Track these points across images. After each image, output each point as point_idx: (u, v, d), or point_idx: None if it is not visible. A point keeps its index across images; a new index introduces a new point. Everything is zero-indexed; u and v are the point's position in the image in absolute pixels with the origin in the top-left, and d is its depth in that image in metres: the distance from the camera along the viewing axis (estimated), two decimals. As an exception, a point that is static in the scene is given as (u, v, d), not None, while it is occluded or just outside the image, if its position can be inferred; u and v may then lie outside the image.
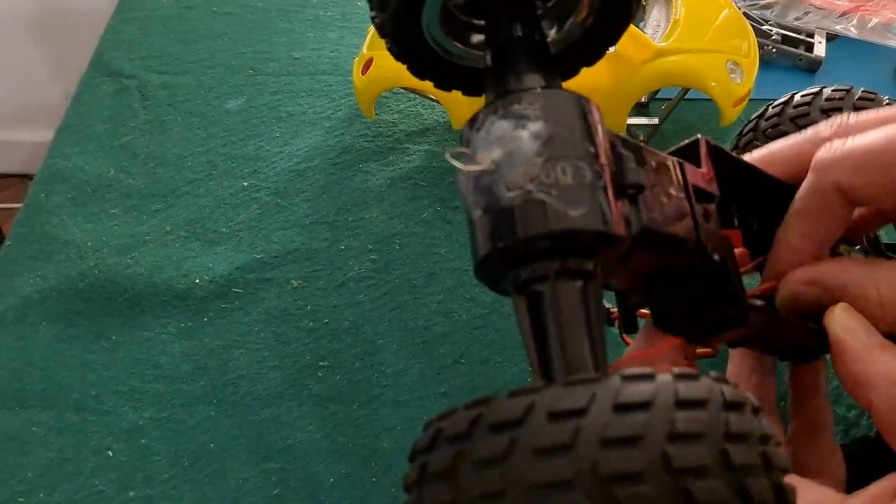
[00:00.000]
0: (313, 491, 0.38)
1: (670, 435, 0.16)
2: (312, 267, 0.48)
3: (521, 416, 0.17)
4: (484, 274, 0.23)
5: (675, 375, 0.17)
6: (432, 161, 0.54)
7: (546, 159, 0.21)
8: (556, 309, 0.21)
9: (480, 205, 0.21)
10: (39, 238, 0.50)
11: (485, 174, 0.21)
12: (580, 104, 0.22)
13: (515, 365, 0.43)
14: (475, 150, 0.22)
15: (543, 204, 0.21)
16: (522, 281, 0.22)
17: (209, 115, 0.58)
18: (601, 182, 0.21)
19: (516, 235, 0.21)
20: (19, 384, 0.43)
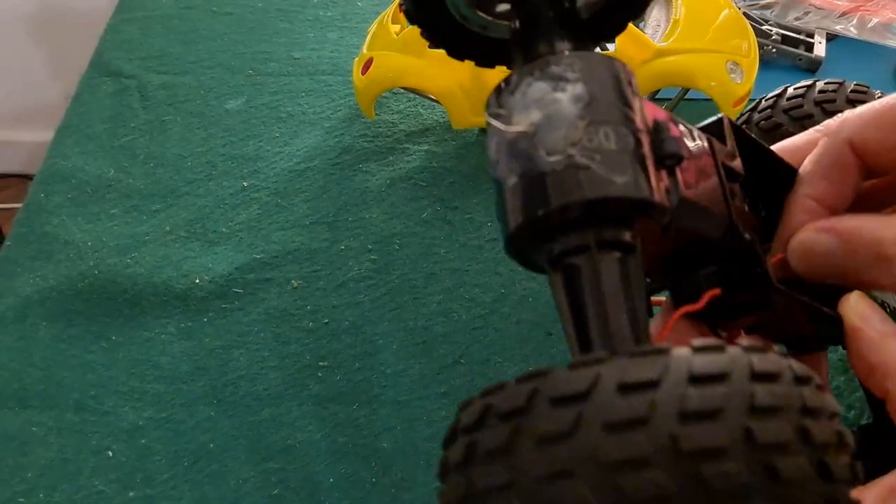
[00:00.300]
0: (313, 491, 0.38)
1: (751, 409, 0.15)
2: (312, 267, 0.48)
3: (587, 388, 0.15)
4: (517, 246, 0.21)
5: (745, 348, 0.16)
6: (432, 161, 0.54)
7: (588, 123, 0.20)
8: (597, 282, 0.20)
9: (516, 171, 0.20)
10: (39, 238, 0.50)
11: (522, 138, 0.20)
12: (618, 67, 0.21)
13: (515, 365, 0.43)
14: (511, 112, 0.21)
15: (587, 169, 0.19)
16: (558, 254, 0.21)
17: (209, 115, 0.58)
18: (643, 149, 0.20)
19: (557, 202, 0.19)
20: (19, 384, 0.43)
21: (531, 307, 0.45)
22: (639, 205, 0.20)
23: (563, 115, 0.20)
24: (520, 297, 0.45)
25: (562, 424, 0.15)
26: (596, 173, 0.19)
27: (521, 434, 0.16)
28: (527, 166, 0.20)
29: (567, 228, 0.20)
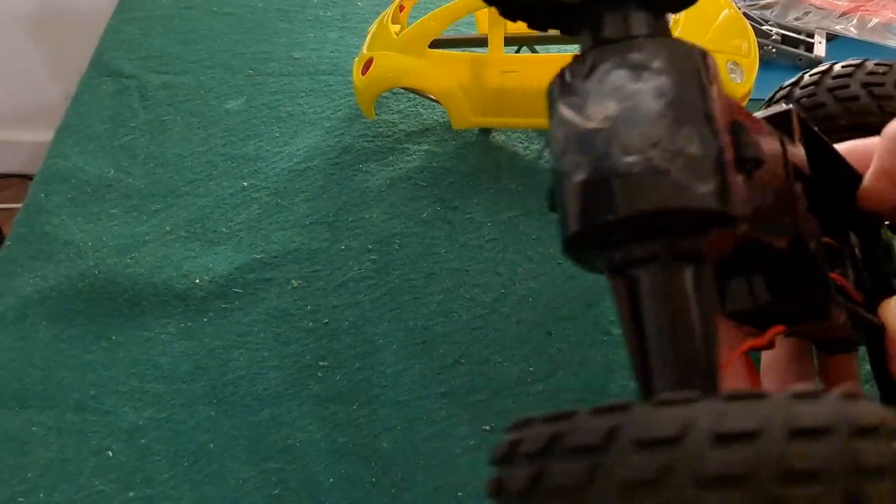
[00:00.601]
0: (313, 491, 0.38)
1: (857, 470, 0.14)
2: (312, 267, 0.48)
3: (677, 433, 0.14)
4: (577, 249, 0.20)
5: (841, 395, 0.15)
6: (432, 161, 0.54)
7: (671, 122, 0.18)
8: (668, 298, 0.19)
9: (585, 167, 0.18)
10: (39, 238, 0.50)
11: (596, 131, 0.18)
12: (702, 59, 0.19)
13: (515, 365, 0.43)
14: (585, 100, 0.19)
15: (667, 174, 0.18)
16: (624, 261, 0.19)
17: (209, 115, 0.58)
18: (725, 154, 0.19)
19: (631, 208, 0.18)
20: (19, 384, 0.43)
21: (531, 307, 0.45)
22: (717, 217, 0.18)
23: (643, 111, 0.18)
24: (520, 297, 0.45)
25: (648, 472, 0.14)
26: (676, 180, 0.18)
27: (599, 475, 0.14)
28: (599, 164, 0.18)
29: (637, 235, 0.19)
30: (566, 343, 0.43)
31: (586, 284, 0.46)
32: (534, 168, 0.53)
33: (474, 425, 0.40)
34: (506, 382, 0.42)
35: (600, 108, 0.19)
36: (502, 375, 0.42)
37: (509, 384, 0.42)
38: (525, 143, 0.55)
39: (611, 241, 0.19)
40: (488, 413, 0.41)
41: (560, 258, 0.47)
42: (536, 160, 0.53)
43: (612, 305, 0.44)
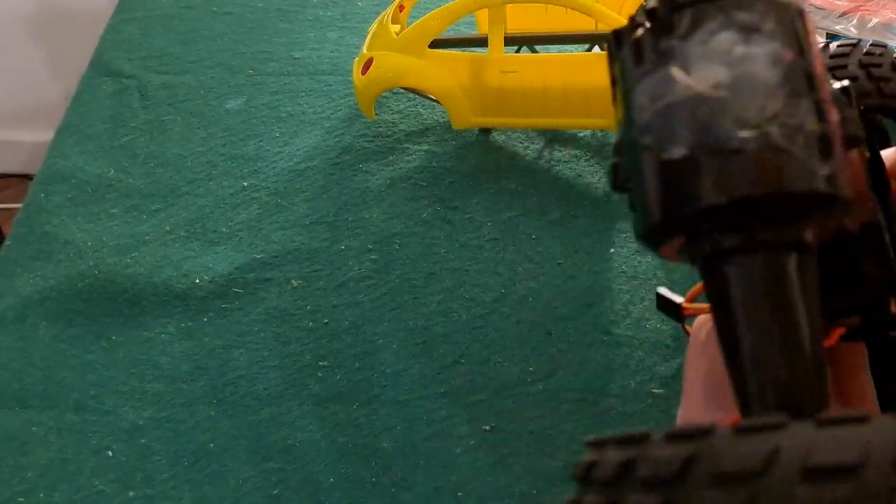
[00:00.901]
0: (313, 491, 0.38)
1: None
2: (312, 267, 0.48)
3: (761, 467, 0.12)
4: (662, 235, 0.17)
5: None
6: (432, 161, 0.54)
7: (788, 93, 0.16)
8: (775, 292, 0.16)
9: (687, 141, 0.16)
10: (39, 238, 0.50)
11: (703, 100, 0.16)
12: (804, 20, 0.17)
13: (515, 365, 0.43)
14: (686, 63, 0.17)
15: (787, 153, 0.16)
16: (718, 250, 0.17)
17: (209, 115, 0.58)
18: (838, 132, 0.17)
19: (750, 189, 0.16)
20: (19, 384, 0.43)
21: (531, 307, 0.45)
22: (830, 200, 0.16)
23: (759, 79, 0.16)
24: (520, 297, 0.45)
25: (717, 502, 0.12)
26: (798, 160, 0.16)
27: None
28: (707, 138, 0.16)
29: (735, 220, 0.16)
30: (566, 343, 0.43)
31: (586, 284, 0.46)
32: (534, 168, 0.53)
33: (474, 425, 0.40)
34: (506, 382, 0.42)
35: (707, 73, 0.16)
36: (502, 375, 0.42)
37: (509, 384, 0.42)
38: (525, 143, 0.55)
39: (703, 226, 0.17)
40: (488, 413, 0.41)
41: (560, 258, 0.47)
42: (536, 160, 0.53)
43: (611, 305, 0.45)
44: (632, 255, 0.47)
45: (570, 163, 0.53)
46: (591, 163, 0.53)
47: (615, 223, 0.49)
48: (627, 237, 0.48)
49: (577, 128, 0.55)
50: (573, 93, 0.50)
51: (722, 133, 0.16)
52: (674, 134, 0.16)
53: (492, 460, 0.39)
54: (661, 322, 0.44)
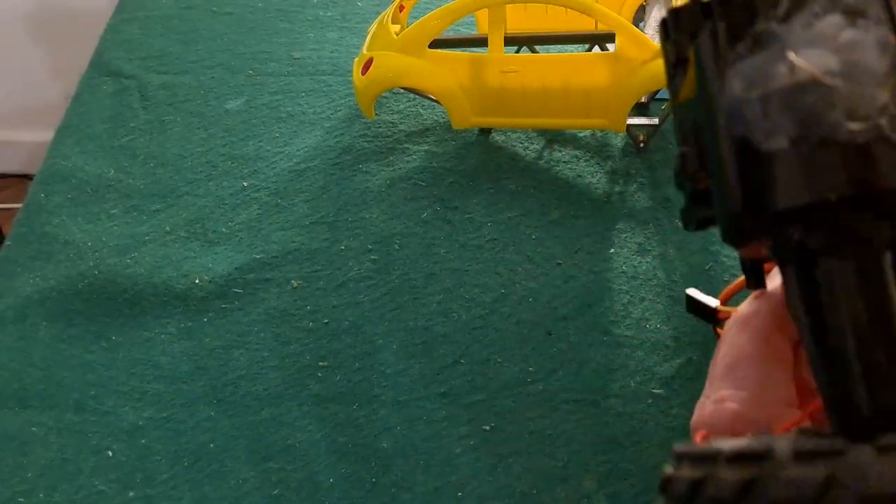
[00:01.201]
0: (313, 491, 0.38)
1: None
2: (312, 267, 0.48)
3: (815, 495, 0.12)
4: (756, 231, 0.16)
5: None
6: (432, 161, 0.54)
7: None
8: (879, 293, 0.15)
9: (790, 131, 0.15)
10: (39, 238, 0.50)
11: (810, 88, 0.15)
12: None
13: (515, 365, 0.43)
14: (785, 48, 0.16)
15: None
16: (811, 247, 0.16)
17: (209, 115, 0.58)
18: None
19: (862, 185, 0.15)
20: (19, 384, 0.43)
21: (531, 307, 0.45)
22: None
23: (869, 68, 0.15)
24: (520, 297, 0.45)
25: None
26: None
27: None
28: (813, 129, 0.15)
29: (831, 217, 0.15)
30: (566, 343, 0.43)
31: (586, 284, 0.46)
32: (534, 168, 0.53)
33: (474, 425, 0.40)
34: (506, 382, 0.42)
35: (817, 59, 0.15)
36: (502, 375, 0.42)
37: (509, 384, 0.42)
38: (525, 143, 0.55)
39: (800, 222, 0.16)
40: (488, 413, 0.41)
41: (560, 258, 0.47)
42: (536, 160, 0.53)
43: (611, 305, 0.45)
44: (632, 255, 0.47)
45: (570, 163, 0.53)
46: (591, 163, 0.53)
47: (615, 223, 0.49)
48: (627, 237, 0.48)
49: (577, 128, 0.55)
50: (573, 93, 0.50)
51: (830, 124, 0.15)
52: (774, 124, 0.15)
53: (492, 460, 0.39)
54: (661, 322, 0.44)
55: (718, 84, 0.17)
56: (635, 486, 0.38)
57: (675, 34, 0.19)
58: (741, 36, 0.16)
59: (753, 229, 0.16)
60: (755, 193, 0.16)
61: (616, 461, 0.38)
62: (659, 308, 0.44)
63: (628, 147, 0.54)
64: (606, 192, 0.51)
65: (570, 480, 0.38)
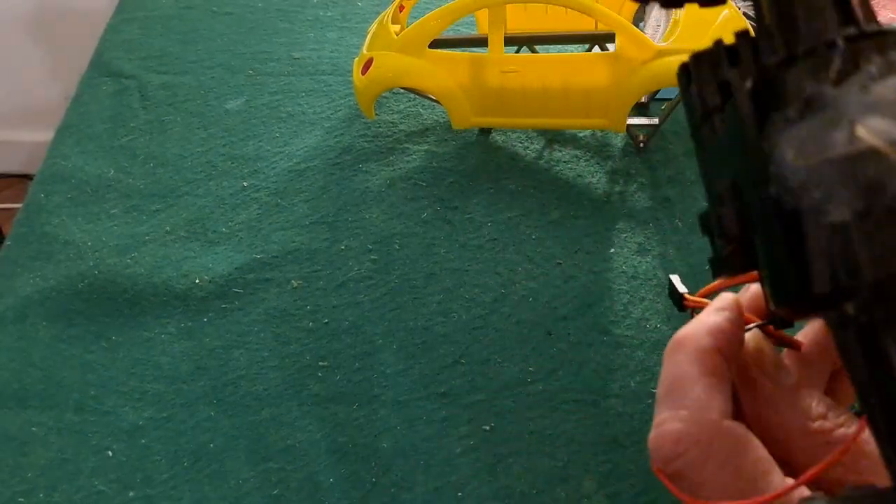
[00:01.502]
0: (313, 491, 0.38)
1: None
2: (312, 267, 0.48)
3: None
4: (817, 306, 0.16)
5: None
6: (432, 161, 0.54)
7: None
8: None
9: (852, 203, 0.14)
10: (39, 238, 0.50)
11: (871, 158, 0.14)
12: None
13: (515, 365, 0.43)
14: (841, 114, 0.15)
15: None
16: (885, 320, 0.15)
17: (209, 115, 0.58)
18: None
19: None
20: (19, 384, 0.43)
21: (531, 307, 0.45)
22: None
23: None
24: (520, 297, 0.45)
25: None
26: None
27: None
28: (879, 199, 0.14)
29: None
30: (566, 343, 0.43)
31: (586, 284, 0.46)
32: (534, 168, 0.53)
33: (474, 425, 0.40)
34: (506, 382, 0.42)
35: (874, 125, 0.14)
36: (502, 375, 0.42)
37: (509, 384, 0.42)
38: (525, 143, 0.55)
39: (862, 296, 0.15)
40: (488, 413, 0.41)
41: (560, 258, 0.47)
42: (536, 160, 0.53)
43: (611, 305, 0.45)
44: (632, 255, 0.47)
45: (570, 163, 0.53)
46: (591, 163, 0.53)
47: (615, 223, 0.49)
48: (627, 237, 0.48)
49: (577, 128, 0.55)
50: (573, 93, 0.50)
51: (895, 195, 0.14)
52: (834, 195, 0.15)
53: (492, 460, 0.39)
54: (661, 322, 0.44)
55: (767, 149, 0.16)
56: (635, 486, 0.38)
57: (699, 82, 0.19)
58: (788, 98, 0.16)
59: (812, 305, 0.16)
60: (814, 269, 0.15)
61: (616, 461, 0.38)
62: (659, 308, 0.44)
63: (628, 147, 0.54)
64: (606, 192, 0.51)
65: (570, 480, 0.38)
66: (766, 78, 0.16)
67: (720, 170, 0.19)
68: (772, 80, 0.16)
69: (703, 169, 0.21)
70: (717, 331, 0.24)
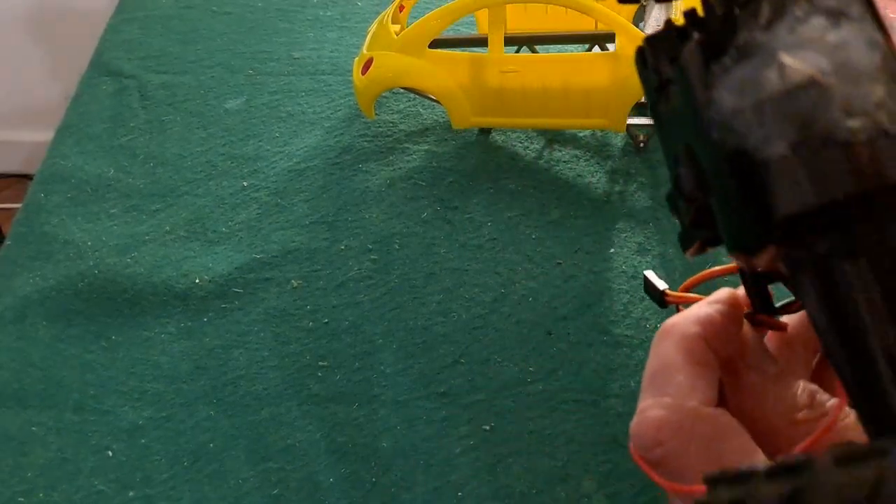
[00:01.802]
0: (313, 491, 0.38)
1: None
2: (312, 267, 0.48)
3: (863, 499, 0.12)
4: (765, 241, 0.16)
5: None
6: (432, 161, 0.54)
7: (889, 79, 0.15)
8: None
9: (788, 136, 0.15)
10: (39, 238, 0.50)
11: (804, 91, 0.15)
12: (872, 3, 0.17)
13: (515, 365, 0.42)
14: (774, 54, 0.16)
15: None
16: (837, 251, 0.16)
17: (209, 115, 0.58)
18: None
19: (868, 182, 0.15)
20: (19, 384, 0.43)
21: (531, 307, 0.45)
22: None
23: (861, 66, 0.15)
24: (520, 297, 0.45)
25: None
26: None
27: None
28: (811, 131, 0.15)
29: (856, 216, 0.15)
30: (566, 343, 0.43)
31: (586, 284, 0.46)
32: (534, 168, 0.53)
33: (474, 425, 0.40)
34: (506, 382, 0.42)
35: (806, 62, 0.15)
36: (502, 375, 0.42)
37: (509, 384, 0.42)
38: (525, 143, 0.55)
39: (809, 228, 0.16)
40: (488, 413, 0.41)
41: (560, 258, 0.47)
42: (536, 160, 0.53)
43: (611, 305, 0.45)
44: (632, 255, 0.47)
45: (570, 163, 0.53)
46: (591, 163, 0.53)
47: (615, 223, 0.49)
48: (627, 237, 0.48)
49: (577, 128, 0.55)
50: (573, 93, 0.50)
51: (828, 124, 0.15)
52: (771, 130, 0.15)
53: (491, 460, 0.39)
54: (661, 322, 0.43)
55: (707, 99, 0.17)
56: (635, 486, 0.38)
57: (653, 60, 0.19)
58: (725, 49, 0.16)
59: (762, 239, 0.16)
60: (760, 203, 0.16)
61: (616, 461, 0.38)
62: (659, 308, 0.44)
63: (628, 147, 0.54)
64: (606, 192, 0.51)
65: (570, 480, 0.38)
66: (709, 35, 0.17)
67: (676, 137, 0.19)
68: (712, 36, 0.17)
69: (662, 142, 0.21)
70: (706, 321, 0.24)
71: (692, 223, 0.19)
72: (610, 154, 0.53)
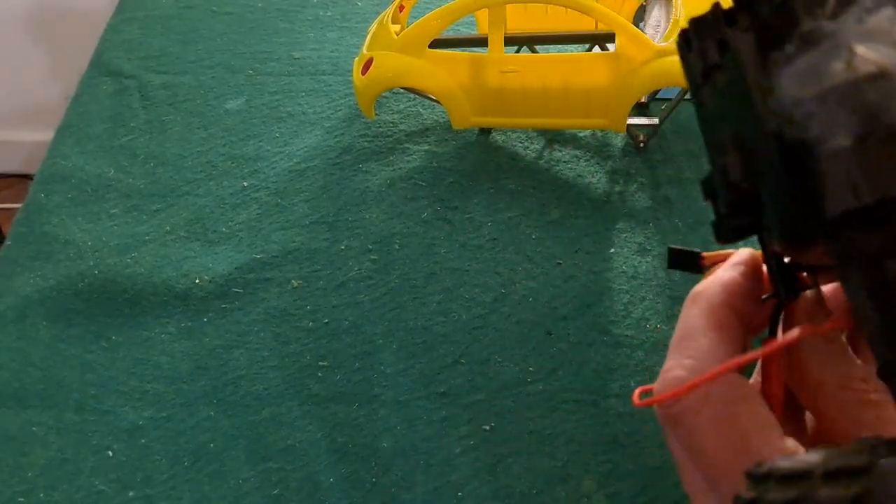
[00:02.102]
0: (313, 491, 0.38)
1: None
2: (312, 267, 0.48)
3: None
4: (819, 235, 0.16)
5: None
6: (432, 161, 0.54)
7: None
8: None
9: (853, 128, 0.15)
10: (39, 238, 0.50)
11: (871, 83, 0.15)
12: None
13: (515, 365, 0.43)
14: (839, 45, 0.15)
15: None
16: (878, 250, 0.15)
17: (209, 115, 0.58)
18: None
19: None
20: (19, 384, 0.43)
21: (531, 307, 0.45)
22: None
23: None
24: (520, 297, 0.45)
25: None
26: None
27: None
28: (877, 124, 0.15)
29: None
30: (566, 343, 0.43)
31: (586, 284, 0.46)
32: (534, 168, 0.53)
33: (474, 425, 0.40)
34: (506, 382, 0.42)
35: (873, 53, 0.15)
36: (502, 375, 0.42)
37: (509, 384, 0.42)
38: (525, 143, 0.55)
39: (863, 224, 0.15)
40: (488, 413, 0.41)
41: (560, 258, 0.47)
42: (536, 160, 0.53)
43: (611, 305, 0.45)
44: (632, 255, 0.47)
45: (570, 163, 0.53)
46: (591, 163, 0.53)
47: (615, 223, 0.49)
48: (627, 237, 0.48)
49: (577, 128, 0.55)
50: (573, 93, 0.50)
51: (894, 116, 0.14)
52: (834, 122, 0.15)
53: (491, 460, 0.39)
54: (661, 322, 0.44)
55: (766, 87, 0.16)
56: (635, 486, 0.38)
57: (699, 44, 0.19)
58: (787, 37, 0.16)
59: (815, 233, 0.16)
60: (815, 196, 0.15)
61: (616, 461, 0.38)
62: (659, 308, 0.44)
63: (628, 147, 0.54)
64: (606, 192, 0.51)
65: (570, 480, 0.38)
66: (764, 22, 0.17)
67: (721, 124, 0.19)
68: (769, 23, 0.16)
69: (704, 128, 0.21)
70: (731, 285, 0.25)
71: (732, 211, 0.19)
72: (610, 154, 0.53)
